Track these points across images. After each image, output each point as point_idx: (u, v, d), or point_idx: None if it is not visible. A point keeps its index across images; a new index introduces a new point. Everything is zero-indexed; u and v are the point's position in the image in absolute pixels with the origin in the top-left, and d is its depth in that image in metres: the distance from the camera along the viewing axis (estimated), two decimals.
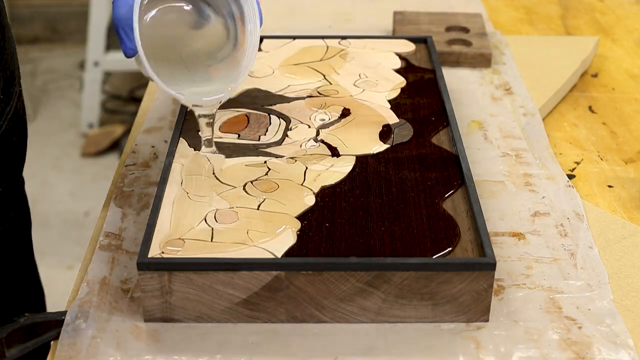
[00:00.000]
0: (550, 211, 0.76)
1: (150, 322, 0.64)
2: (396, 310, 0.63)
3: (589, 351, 0.61)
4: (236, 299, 0.63)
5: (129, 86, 2.80)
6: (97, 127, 2.55)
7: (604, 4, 1.24)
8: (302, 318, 0.64)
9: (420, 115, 0.81)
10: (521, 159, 0.84)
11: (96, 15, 2.46)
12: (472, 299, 0.63)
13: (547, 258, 0.71)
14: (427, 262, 0.62)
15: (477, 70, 1.01)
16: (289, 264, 0.62)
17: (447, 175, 0.72)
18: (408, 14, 1.12)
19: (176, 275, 0.62)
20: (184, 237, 0.64)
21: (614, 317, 0.65)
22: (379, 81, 0.87)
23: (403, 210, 0.68)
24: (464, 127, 0.89)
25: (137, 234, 0.73)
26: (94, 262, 0.69)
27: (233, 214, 0.67)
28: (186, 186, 0.70)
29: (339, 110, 0.82)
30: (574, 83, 1.01)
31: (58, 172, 2.39)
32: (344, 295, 0.63)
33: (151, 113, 0.92)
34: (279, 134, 0.78)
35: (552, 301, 0.66)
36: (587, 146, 0.89)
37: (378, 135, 0.78)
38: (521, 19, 1.19)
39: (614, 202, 0.80)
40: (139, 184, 0.79)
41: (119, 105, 2.72)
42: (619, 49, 1.10)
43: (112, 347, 0.61)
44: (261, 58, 0.92)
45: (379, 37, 0.98)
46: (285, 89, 0.86)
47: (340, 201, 0.69)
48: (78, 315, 0.64)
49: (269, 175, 0.72)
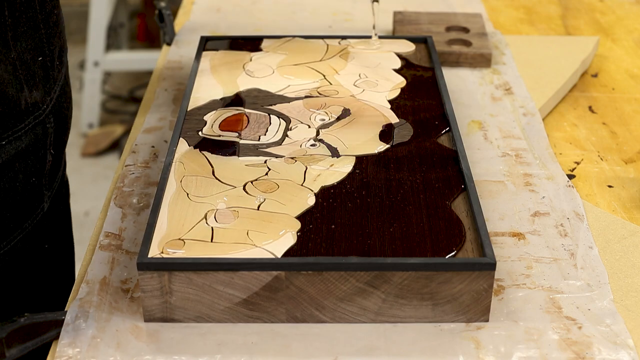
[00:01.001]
0: (550, 211, 0.76)
1: (150, 322, 0.64)
2: (396, 310, 0.63)
3: (589, 351, 0.61)
4: (236, 299, 0.63)
5: (129, 86, 2.80)
6: (97, 127, 2.55)
7: (604, 4, 1.24)
8: (302, 318, 0.64)
9: (420, 115, 0.81)
10: (521, 159, 0.84)
11: (96, 15, 2.46)
12: (472, 299, 0.63)
13: (547, 258, 0.71)
14: (427, 262, 0.62)
15: (477, 70, 1.01)
16: (289, 264, 0.62)
17: (447, 175, 0.72)
18: (408, 14, 1.12)
19: (176, 275, 0.62)
20: (184, 237, 0.64)
21: (614, 317, 0.65)
22: (379, 81, 0.87)
23: (403, 210, 0.68)
24: (464, 127, 0.89)
25: (137, 234, 0.73)
26: (94, 262, 0.69)
27: (233, 214, 0.67)
28: (186, 186, 0.70)
29: (339, 110, 0.82)
30: (574, 83, 1.01)
31: None
32: (344, 295, 0.63)
33: (151, 113, 0.92)
34: (279, 134, 0.78)
35: (552, 301, 0.66)
36: (587, 146, 0.89)
37: (378, 135, 0.78)
38: (521, 19, 1.19)
39: (614, 202, 0.80)
40: (139, 184, 0.79)
41: (119, 105, 2.72)
42: (619, 49, 1.10)
43: (112, 347, 0.61)
44: (261, 58, 0.92)
45: (379, 37, 0.98)
46: (285, 89, 0.86)
47: (340, 201, 0.69)
48: (78, 315, 0.64)
49: (269, 175, 0.72)
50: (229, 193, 0.69)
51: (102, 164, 2.43)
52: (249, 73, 0.89)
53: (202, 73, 0.89)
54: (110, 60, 2.53)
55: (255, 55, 0.92)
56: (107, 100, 2.72)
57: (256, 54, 0.93)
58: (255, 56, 0.92)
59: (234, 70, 0.89)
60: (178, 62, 1.03)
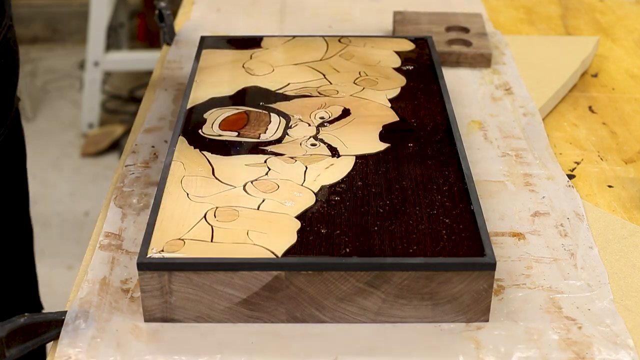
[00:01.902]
0: (550, 211, 0.76)
1: (150, 322, 0.64)
2: (396, 310, 0.63)
3: (589, 351, 0.61)
4: (236, 299, 0.63)
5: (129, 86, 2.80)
6: (97, 127, 2.55)
7: (604, 4, 1.24)
8: (302, 318, 0.64)
9: (420, 114, 0.81)
10: (521, 159, 0.84)
11: (96, 15, 2.46)
12: (472, 299, 0.63)
13: (547, 258, 0.71)
14: (427, 262, 0.62)
15: (477, 70, 1.01)
16: (289, 264, 0.62)
17: (447, 175, 0.72)
18: (408, 14, 1.12)
19: (176, 275, 0.62)
20: (184, 237, 0.64)
21: (614, 317, 0.65)
22: (379, 80, 0.87)
23: (403, 210, 0.68)
24: (464, 127, 0.89)
25: (137, 234, 0.73)
26: (94, 262, 0.69)
27: (233, 213, 0.67)
28: (186, 186, 0.70)
29: (339, 110, 0.82)
30: (574, 83, 1.01)
31: (58, 172, 2.39)
32: (344, 295, 0.63)
33: (151, 113, 0.92)
34: (279, 132, 0.78)
35: (552, 301, 0.66)
36: (587, 146, 0.89)
37: (378, 135, 0.78)
38: (521, 19, 1.19)
39: (614, 202, 0.80)
40: (139, 184, 0.79)
41: (119, 105, 2.72)
42: (619, 49, 1.10)
43: (112, 347, 0.61)
44: (261, 56, 0.92)
45: (379, 37, 0.98)
46: (285, 87, 0.86)
47: (340, 201, 0.69)
48: (78, 315, 0.64)
49: (269, 175, 0.72)
50: (229, 193, 0.69)
51: (102, 164, 2.43)
52: (249, 71, 0.89)
53: (202, 72, 0.89)
54: (110, 60, 2.53)
55: (256, 54, 0.92)
56: (107, 100, 2.72)
57: (256, 52, 0.93)
58: (255, 55, 0.92)
59: (234, 69, 0.89)
60: (178, 62, 1.03)
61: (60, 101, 2.73)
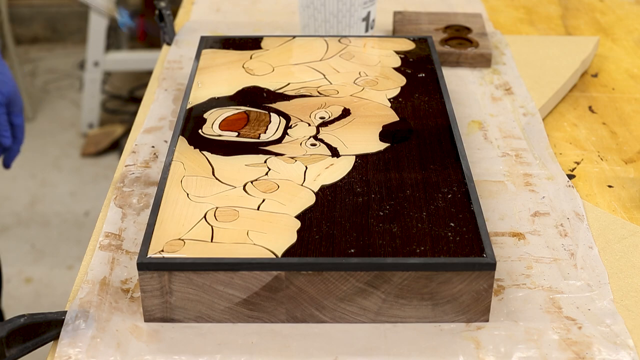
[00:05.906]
0: (550, 211, 0.76)
1: (150, 322, 0.64)
2: (396, 310, 0.63)
3: (589, 351, 0.61)
4: (236, 299, 0.63)
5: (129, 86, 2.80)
6: (97, 127, 2.55)
7: (604, 4, 1.24)
8: (302, 318, 0.64)
9: (420, 114, 0.81)
10: (521, 159, 0.84)
11: (96, 15, 2.46)
12: (472, 299, 0.63)
13: (547, 258, 0.71)
14: (427, 262, 0.62)
15: (477, 70, 1.01)
16: (289, 264, 0.62)
17: (447, 175, 0.72)
18: (408, 14, 1.12)
19: (176, 275, 0.62)
20: (184, 237, 0.64)
21: (614, 317, 0.65)
22: (379, 80, 0.87)
23: (403, 210, 0.68)
24: (464, 127, 0.89)
25: (137, 234, 0.73)
26: (94, 262, 0.69)
27: (233, 213, 0.67)
28: (186, 186, 0.70)
29: (339, 110, 0.82)
30: (574, 83, 1.01)
31: (58, 172, 2.39)
32: (344, 295, 0.63)
33: (151, 113, 0.92)
34: (279, 132, 0.78)
35: (552, 301, 0.66)
36: (587, 146, 0.89)
37: (378, 135, 0.78)
38: (521, 19, 1.19)
39: (614, 202, 0.80)
40: (139, 184, 0.79)
41: (119, 105, 2.72)
42: (619, 49, 1.10)
43: (112, 347, 0.61)
44: (261, 56, 0.92)
45: (379, 37, 0.98)
46: (285, 87, 0.86)
47: (340, 201, 0.69)
48: (78, 315, 0.64)
49: (269, 175, 0.72)
50: (229, 193, 0.69)
51: (102, 164, 2.43)
52: (249, 71, 0.89)
53: (202, 72, 0.89)
54: (110, 60, 2.53)
55: (256, 54, 0.92)
56: (107, 100, 2.72)
57: (256, 52, 0.93)
58: (255, 55, 0.92)
59: (234, 69, 0.89)
60: (178, 62, 1.03)
61: (60, 101, 2.73)
